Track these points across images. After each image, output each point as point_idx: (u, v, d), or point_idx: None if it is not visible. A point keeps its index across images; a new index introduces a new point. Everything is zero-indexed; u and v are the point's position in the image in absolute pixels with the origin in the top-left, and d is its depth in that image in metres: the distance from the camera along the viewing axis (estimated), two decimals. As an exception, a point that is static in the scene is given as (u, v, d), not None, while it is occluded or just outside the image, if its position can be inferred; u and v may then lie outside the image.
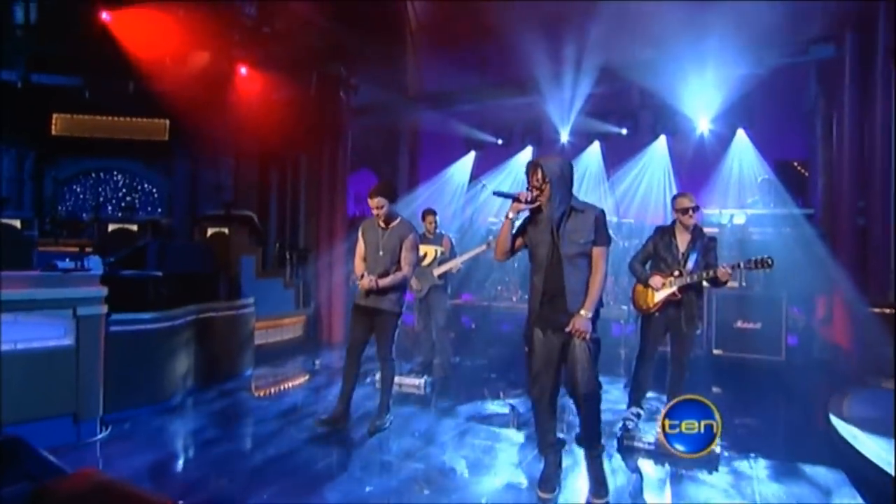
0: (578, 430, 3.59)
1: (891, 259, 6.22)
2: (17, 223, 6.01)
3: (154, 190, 9.44)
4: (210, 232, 7.14)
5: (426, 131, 11.36)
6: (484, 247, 6.77)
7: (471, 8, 8.82)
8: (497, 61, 9.61)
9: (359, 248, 4.74)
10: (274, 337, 7.68)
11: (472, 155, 11.33)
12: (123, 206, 8.90)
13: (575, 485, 3.75)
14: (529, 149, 10.75)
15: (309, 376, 6.73)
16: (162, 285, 5.60)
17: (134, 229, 7.71)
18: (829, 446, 4.42)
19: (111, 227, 7.65)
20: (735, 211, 7.83)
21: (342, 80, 8.71)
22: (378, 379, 4.98)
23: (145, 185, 9.46)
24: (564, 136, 10.07)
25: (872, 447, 3.95)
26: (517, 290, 8.92)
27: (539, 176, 3.36)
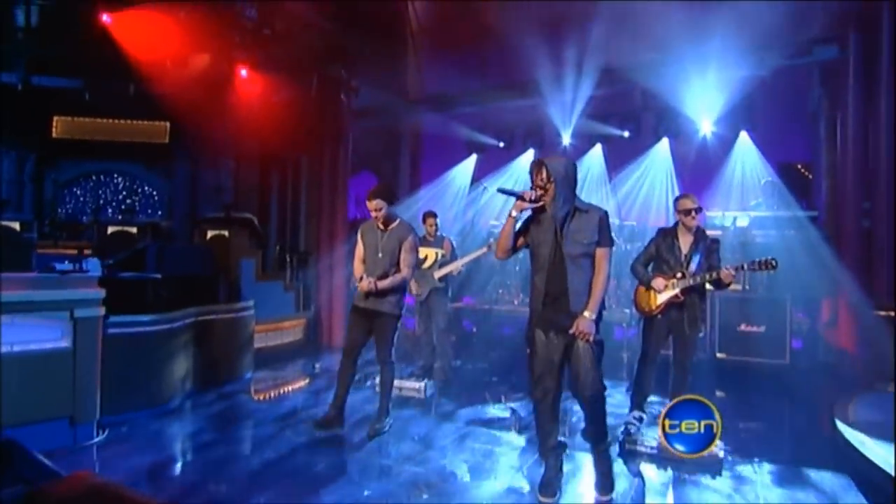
0: (584, 427, 3.60)
1: (896, 261, 6.16)
2: (17, 225, 6.01)
3: (154, 192, 9.43)
4: (210, 234, 7.13)
5: (427, 134, 11.35)
6: (485, 249, 6.74)
7: (472, 10, 8.81)
8: (498, 63, 9.59)
9: (358, 250, 4.72)
10: (274, 340, 7.64)
11: (474, 158, 11.32)
12: (123, 208, 8.88)
13: (576, 489, 3.71)
14: (531, 151, 10.75)
15: (309, 380, 6.69)
16: (161, 288, 5.58)
17: (133, 232, 7.69)
18: (835, 451, 4.37)
19: (111, 230, 7.64)
20: (738, 213, 7.78)
21: (343, 83, 8.71)
22: (378, 382, 4.95)
23: (146, 188, 9.46)
24: (566, 138, 10.03)
25: (879, 452, 3.90)
26: (518, 293, 8.87)
27: (543, 175, 3.34)
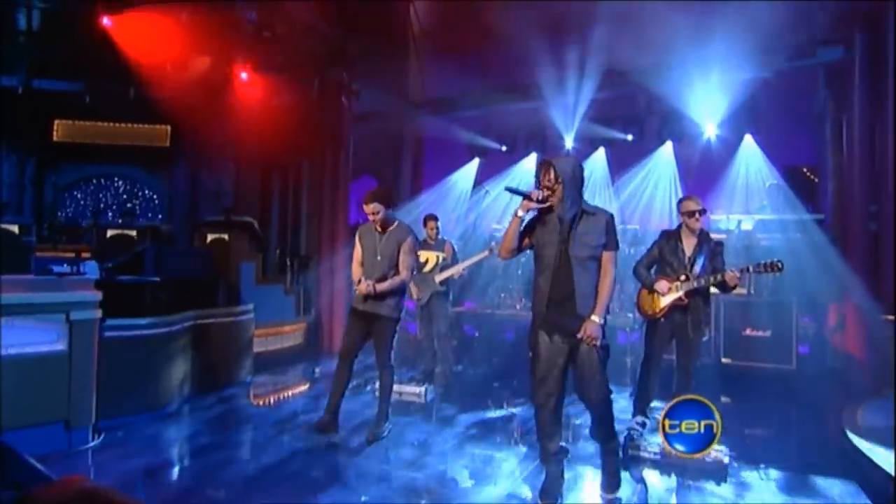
0: (592, 428, 3.57)
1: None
2: (16, 228, 5.99)
3: (154, 196, 9.42)
4: (210, 238, 7.10)
5: (429, 137, 11.33)
6: (486, 252, 6.69)
7: (474, 13, 8.78)
8: (500, 66, 9.57)
9: (356, 252, 4.67)
10: (274, 344, 7.58)
11: (476, 162, 11.28)
12: (123, 212, 8.87)
13: (577, 496, 3.64)
14: (533, 155, 10.70)
15: (308, 384, 6.64)
16: (159, 291, 5.54)
17: (133, 235, 7.67)
18: (843, 457, 4.29)
19: (110, 233, 7.61)
20: (742, 216, 7.71)
21: (344, 86, 8.69)
22: (378, 387, 4.88)
23: (146, 192, 9.44)
24: (569, 142, 9.98)
25: (888, 458, 3.81)
26: (520, 297, 8.81)
27: (551, 176, 3.29)
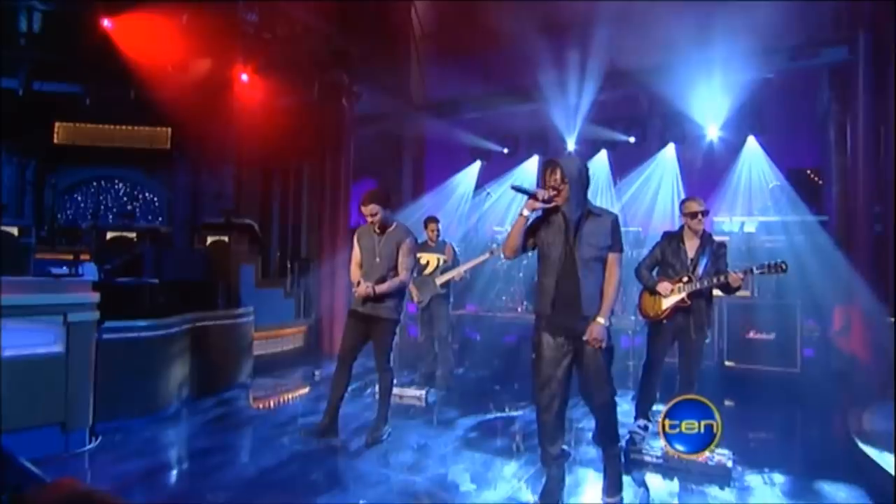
0: (595, 431, 3.53)
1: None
2: (15, 230, 5.98)
3: (155, 198, 9.40)
4: (210, 240, 7.07)
5: (431, 140, 11.29)
6: (487, 255, 6.66)
7: (475, 14, 8.76)
8: (502, 68, 9.54)
9: (354, 254, 4.64)
10: (274, 347, 7.55)
11: (478, 164, 11.24)
12: (123, 214, 8.86)
13: (578, 500, 3.60)
14: (536, 158, 10.65)
15: (308, 387, 6.59)
16: (158, 293, 5.51)
17: (133, 237, 7.65)
18: (849, 462, 4.24)
19: (110, 235, 7.60)
20: (745, 218, 7.64)
21: (344, 88, 8.67)
22: (377, 390, 4.84)
23: (146, 194, 9.42)
24: (571, 144, 9.91)
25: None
26: (522, 300, 8.76)
27: (558, 176, 3.27)
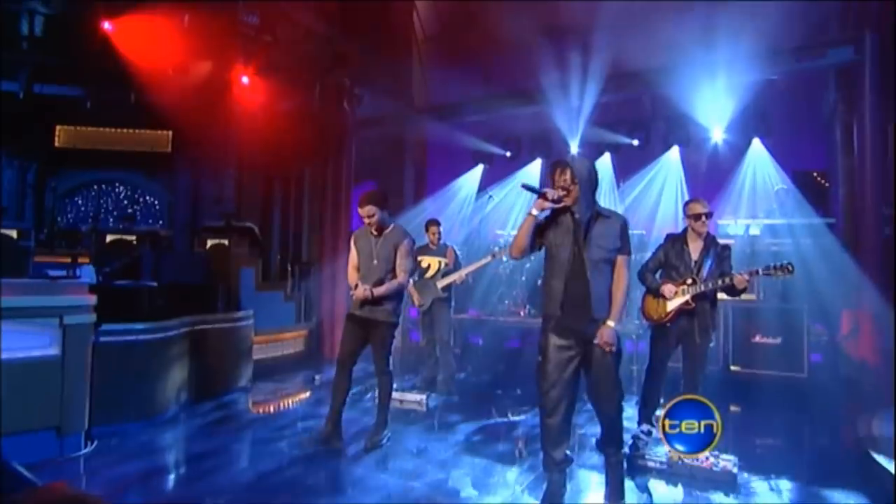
0: (601, 436, 3.47)
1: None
2: (14, 233, 5.96)
3: (155, 202, 9.38)
4: (210, 243, 7.04)
5: (433, 143, 11.24)
6: (489, 258, 6.60)
7: (478, 17, 8.73)
8: (504, 71, 9.50)
9: (351, 257, 4.59)
10: (274, 351, 7.49)
11: (480, 168, 11.19)
12: (123, 217, 8.85)
13: (580, 506, 3.53)
14: (538, 161, 10.59)
15: (308, 392, 6.53)
16: (157, 296, 5.47)
17: (133, 240, 7.63)
18: (857, 468, 4.17)
19: (109, 238, 7.58)
20: (750, 221, 7.55)
21: (346, 91, 8.64)
22: (377, 394, 4.77)
23: (147, 197, 9.39)
24: (574, 147, 9.84)
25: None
26: (524, 304, 8.67)
27: (567, 176, 3.25)
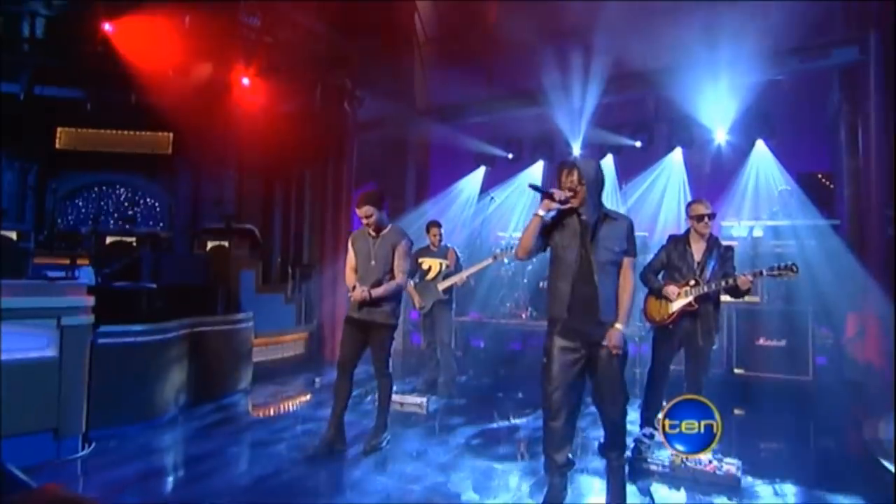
0: (604, 440, 3.42)
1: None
2: (14, 235, 5.95)
3: (156, 203, 9.38)
4: (210, 245, 7.02)
5: (435, 145, 11.19)
6: (490, 260, 6.57)
7: (479, 18, 8.71)
8: (506, 72, 9.45)
9: (349, 259, 4.57)
10: (274, 354, 7.45)
11: (482, 170, 11.15)
12: (124, 219, 8.84)
13: (580, 511, 3.48)
14: (541, 163, 10.55)
15: (308, 395, 6.49)
16: (156, 297, 5.44)
17: (132, 242, 7.62)
18: (864, 473, 4.12)
19: (109, 240, 7.57)
20: (754, 223, 7.48)
21: (347, 92, 8.62)
22: (377, 396, 4.73)
23: (147, 199, 9.40)
24: (576, 149, 9.79)
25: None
26: (526, 306, 8.62)
27: (574, 177, 3.22)
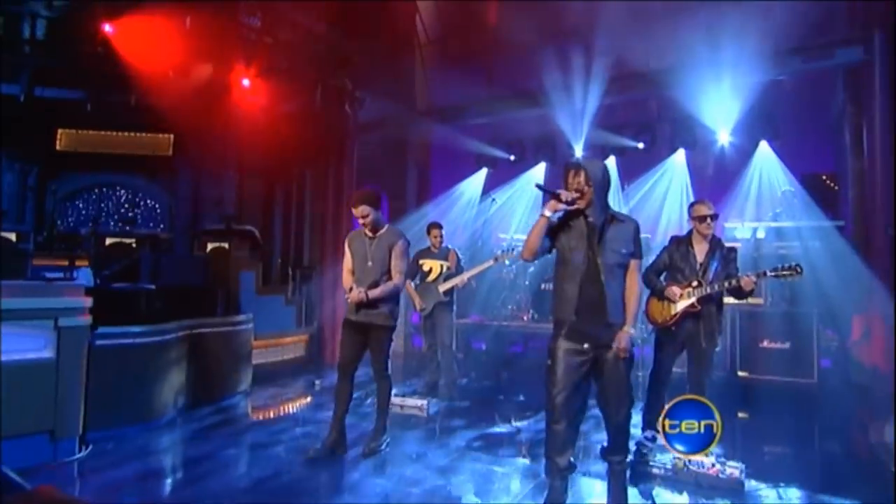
0: (607, 443, 3.40)
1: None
2: (13, 236, 5.93)
3: (156, 205, 9.37)
4: (210, 246, 6.99)
5: (436, 146, 11.16)
6: (491, 261, 6.53)
7: (481, 20, 8.68)
8: (508, 73, 9.41)
9: (346, 260, 4.54)
10: (274, 356, 7.41)
11: (484, 172, 11.11)
12: (124, 220, 8.83)
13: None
14: (543, 165, 10.51)
15: (308, 397, 6.45)
16: (155, 299, 5.41)
17: (132, 243, 7.60)
18: (870, 477, 4.06)
19: (109, 241, 7.55)
20: (757, 224, 7.42)
21: (347, 93, 8.60)
22: (376, 399, 4.69)
23: (148, 201, 9.39)
24: (578, 150, 9.75)
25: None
26: (528, 309, 8.57)
27: (581, 178, 3.19)
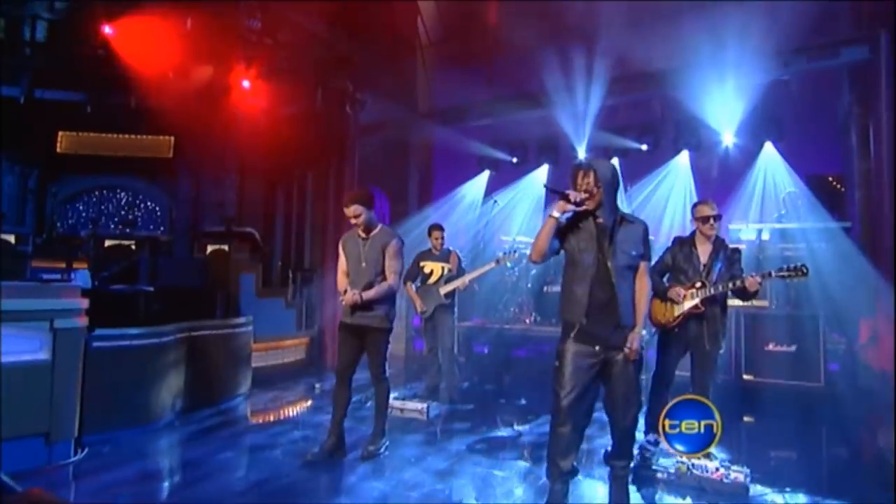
0: (612, 447, 3.37)
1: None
2: (12, 238, 5.92)
3: (156, 207, 9.36)
4: (210, 248, 6.96)
5: (438, 148, 11.13)
6: (493, 264, 6.48)
7: (482, 21, 8.66)
8: (510, 75, 9.38)
9: (340, 262, 4.49)
10: (274, 359, 7.35)
11: (486, 174, 11.07)
12: (124, 222, 8.83)
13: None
14: (545, 167, 10.46)
15: (308, 401, 6.40)
16: (153, 301, 5.38)
17: (132, 245, 7.58)
18: (877, 481, 4.00)
19: (108, 243, 7.54)
20: (762, 226, 7.35)
21: (348, 95, 8.58)
22: (374, 402, 4.63)
23: (148, 203, 9.39)
24: (581, 152, 9.70)
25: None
26: (531, 311, 8.51)
27: (591, 179, 3.16)
